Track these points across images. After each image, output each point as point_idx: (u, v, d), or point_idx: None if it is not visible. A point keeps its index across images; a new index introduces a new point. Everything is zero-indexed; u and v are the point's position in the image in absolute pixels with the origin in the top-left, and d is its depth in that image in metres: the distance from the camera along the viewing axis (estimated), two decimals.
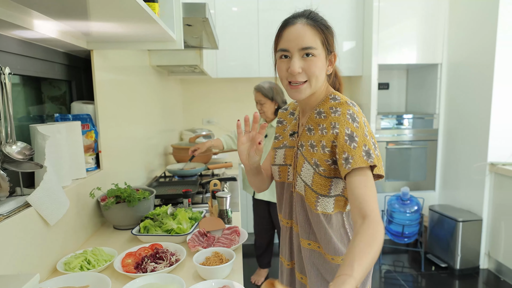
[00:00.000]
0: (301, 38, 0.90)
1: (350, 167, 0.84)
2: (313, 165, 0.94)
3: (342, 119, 0.90)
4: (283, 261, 1.15)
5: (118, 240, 1.38)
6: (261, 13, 3.27)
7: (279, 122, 1.15)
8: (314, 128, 0.97)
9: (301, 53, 0.91)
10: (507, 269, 2.72)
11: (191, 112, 3.73)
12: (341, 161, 0.87)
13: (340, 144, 0.88)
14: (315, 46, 0.90)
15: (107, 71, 1.64)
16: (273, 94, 2.32)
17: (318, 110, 0.98)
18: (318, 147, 0.94)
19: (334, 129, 0.91)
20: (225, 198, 1.49)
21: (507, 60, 2.64)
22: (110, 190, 1.44)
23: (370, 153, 0.86)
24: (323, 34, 0.92)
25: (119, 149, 1.78)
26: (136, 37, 1.41)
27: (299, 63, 0.91)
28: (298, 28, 0.91)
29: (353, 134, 0.88)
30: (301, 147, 1.00)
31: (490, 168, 2.76)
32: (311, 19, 0.92)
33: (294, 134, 1.05)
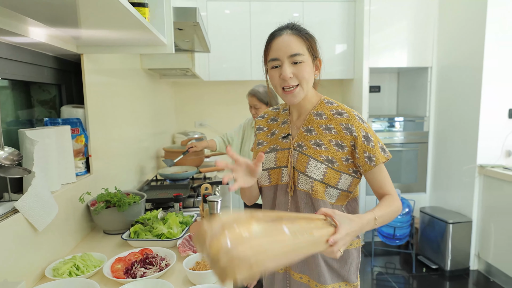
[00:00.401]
0: (289, 47, 0.98)
1: (375, 164, 1.00)
2: (324, 162, 1.01)
3: (354, 121, 1.02)
4: None
5: (108, 245, 1.38)
6: (253, 15, 3.28)
7: (259, 129, 1.19)
8: (315, 129, 1.05)
9: (290, 60, 0.99)
10: (496, 270, 2.75)
11: (184, 114, 3.72)
12: (363, 159, 1.00)
13: (360, 145, 1.00)
14: (302, 53, 0.99)
15: (98, 75, 1.64)
16: (269, 98, 2.32)
17: (316, 112, 1.07)
18: (329, 145, 1.02)
19: (350, 131, 1.01)
20: (216, 202, 1.49)
21: (496, 63, 2.69)
22: (100, 195, 1.44)
23: (384, 148, 1.03)
24: (308, 42, 1.01)
25: (110, 153, 1.77)
26: (126, 41, 1.41)
27: (290, 69, 0.98)
28: (285, 38, 0.99)
29: (367, 135, 1.01)
30: (299, 147, 1.05)
31: (479, 170, 2.80)
32: (295, 30, 1.01)
33: (288, 136, 1.09)
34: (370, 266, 3.09)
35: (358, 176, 1.06)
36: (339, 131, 1.02)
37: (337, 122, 1.03)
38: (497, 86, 2.72)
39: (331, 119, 1.04)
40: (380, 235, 3.14)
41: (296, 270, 1.10)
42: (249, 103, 2.36)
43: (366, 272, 3.01)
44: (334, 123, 1.03)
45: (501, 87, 2.72)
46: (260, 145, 1.16)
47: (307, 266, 1.07)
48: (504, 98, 2.74)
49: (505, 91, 2.73)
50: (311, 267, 1.06)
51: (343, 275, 1.08)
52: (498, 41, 2.66)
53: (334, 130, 1.03)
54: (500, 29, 2.65)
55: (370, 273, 2.98)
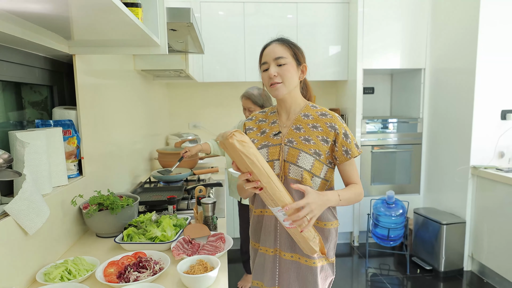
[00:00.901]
0: (274, 52, 1.23)
1: (351, 156, 1.23)
2: (312, 154, 1.21)
3: (336, 120, 1.24)
4: (266, 249, 1.30)
5: (100, 249, 1.36)
6: (247, 17, 3.28)
7: (249, 129, 1.36)
8: (303, 127, 1.25)
9: (276, 62, 1.22)
10: (490, 271, 2.77)
11: (177, 116, 3.70)
12: (341, 152, 1.23)
13: (340, 141, 1.22)
14: (285, 56, 1.22)
15: (90, 76, 1.62)
16: (263, 101, 2.31)
17: (304, 114, 1.28)
18: (316, 140, 1.23)
19: (334, 128, 1.23)
20: (210, 205, 1.48)
21: (488, 65, 2.71)
22: (92, 198, 1.42)
23: (358, 145, 1.26)
24: (291, 49, 1.24)
25: (102, 155, 1.75)
26: (119, 41, 1.39)
27: (275, 69, 1.22)
28: (272, 46, 1.25)
29: (346, 132, 1.24)
30: (289, 143, 1.24)
31: (473, 171, 2.82)
32: (281, 40, 1.26)
33: (279, 134, 1.28)
34: (365, 268, 3.09)
35: (332, 166, 1.29)
36: (324, 128, 1.24)
37: (323, 122, 1.25)
38: (490, 87, 2.74)
39: (317, 119, 1.26)
40: (374, 236, 3.14)
41: (287, 251, 1.26)
42: (243, 105, 2.35)
43: (360, 273, 3.01)
44: (320, 122, 1.25)
45: (494, 89, 2.75)
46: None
47: (297, 246, 1.24)
48: (496, 100, 2.76)
49: (498, 92, 2.75)
50: None
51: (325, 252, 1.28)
52: (491, 43, 2.69)
53: (320, 128, 1.24)
54: (493, 31, 2.67)
55: (364, 275, 2.98)
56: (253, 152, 1.03)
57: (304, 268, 1.25)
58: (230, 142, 1.01)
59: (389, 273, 3.01)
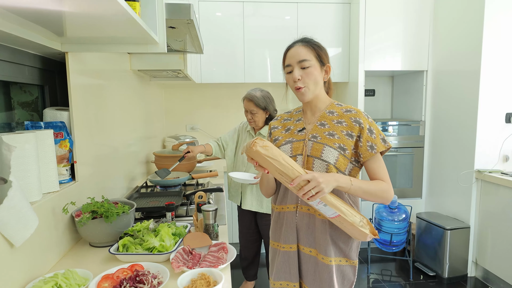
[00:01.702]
0: (298, 55, 1.22)
1: (376, 151, 1.20)
2: (337, 149, 1.20)
3: (361, 115, 1.23)
4: (290, 247, 1.30)
5: (94, 260, 1.27)
6: (246, 18, 3.20)
7: (274, 128, 1.40)
8: (328, 123, 1.25)
9: (299, 65, 1.22)
10: (494, 276, 2.71)
11: (174, 118, 3.61)
12: (365, 147, 1.20)
13: (364, 136, 1.20)
14: (309, 59, 1.22)
15: (84, 75, 1.53)
16: (266, 103, 2.23)
17: (329, 111, 1.29)
18: (341, 135, 1.21)
19: (358, 123, 1.21)
20: (211, 212, 1.39)
21: (494, 67, 2.66)
22: (85, 205, 1.32)
23: (385, 140, 1.23)
24: (315, 51, 1.24)
25: (97, 159, 1.66)
26: (115, 39, 1.30)
27: (299, 72, 1.22)
28: (296, 48, 1.24)
29: (371, 128, 1.21)
30: (313, 138, 1.25)
31: (477, 175, 2.76)
32: (305, 42, 1.25)
33: (303, 130, 1.29)
34: (366, 274, 3.02)
35: (358, 165, 1.25)
36: (349, 123, 1.22)
37: (348, 117, 1.24)
38: (494, 90, 2.69)
39: (342, 115, 1.25)
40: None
41: (306, 245, 1.27)
42: (245, 107, 2.27)
43: (362, 279, 2.94)
44: (345, 118, 1.24)
45: (498, 91, 2.70)
46: (276, 140, 1.35)
47: (316, 241, 1.25)
48: (501, 102, 2.71)
49: (502, 95, 2.70)
50: (319, 241, 1.24)
51: (345, 251, 1.26)
52: (496, 44, 2.64)
53: (345, 123, 1.23)
54: (498, 32, 2.62)
55: (366, 280, 2.91)
56: (277, 153, 1.08)
57: (321, 265, 1.24)
58: (254, 150, 1.06)
59: (391, 279, 2.94)
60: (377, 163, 1.22)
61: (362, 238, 1.17)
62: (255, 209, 2.34)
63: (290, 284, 1.32)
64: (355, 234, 1.17)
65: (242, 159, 2.34)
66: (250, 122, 2.29)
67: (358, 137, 1.21)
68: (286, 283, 1.33)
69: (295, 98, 3.66)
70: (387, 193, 1.20)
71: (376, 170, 1.22)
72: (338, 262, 1.25)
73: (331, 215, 1.13)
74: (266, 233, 2.40)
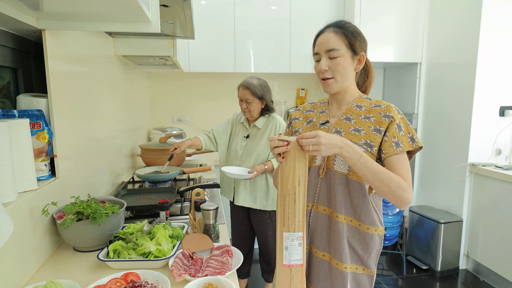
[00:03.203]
0: (327, 43, 1.10)
1: (401, 149, 1.06)
2: (363, 145, 1.09)
3: (392, 110, 1.10)
4: None
5: (80, 268, 1.11)
6: (237, 7, 3.05)
7: (295, 119, 1.29)
8: (354, 118, 1.14)
9: (328, 54, 1.10)
10: (485, 269, 2.71)
11: (160, 109, 3.42)
12: (390, 143, 1.06)
13: (392, 130, 1.07)
14: (338, 48, 1.09)
15: (64, 59, 1.35)
16: (263, 92, 2.09)
17: (357, 104, 1.16)
18: (368, 131, 1.10)
19: (388, 117, 1.09)
20: (211, 211, 1.26)
21: (490, 59, 2.62)
22: (69, 206, 1.16)
23: (414, 139, 1.10)
24: (347, 38, 1.09)
25: (79, 152, 1.48)
26: (101, 15, 1.14)
27: (326, 63, 1.11)
28: (326, 35, 1.11)
29: (400, 124, 1.09)
30: (337, 133, 1.13)
31: (471, 169, 2.74)
32: (337, 27, 1.11)
33: (326, 123, 1.18)
34: None
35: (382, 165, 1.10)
36: (378, 118, 1.10)
37: (377, 112, 1.12)
38: (490, 83, 2.66)
39: (371, 110, 1.13)
40: None
41: (320, 248, 1.17)
42: (240, 95, 2.13)
43: None
44: (374, 113, 1.12)
45: (494, 84, 2.67)
46: (296, 132, 1.24)
47: (330, 245, 1.14)
48: (496, 96, 2.69)
49: (497, 88, 2.68)
50: (335, 246, 1.13)
51: (363, 259, 1.14)
52: (493, 36, 2.60)
53: (373, 118, 1.11)
54: (495, 23, 2.58)
55: None
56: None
57: (335, 271, 1.14)
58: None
59: (384, 272, 2.90)
60: (400, 161, 1.06)
61: None
62: (248, 205, 2.22)
63: None
64: None
65: (236, 153, 2.21)
66: (245, 112, 2.15)
67: (386, 131, 1.08)
68: None
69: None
70: (403, 191, 1.02)
71: (396, 168, 1.06)
72: (354, 270, 1.14)
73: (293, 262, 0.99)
74: (260, 230, 2.29)
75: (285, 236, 0.96)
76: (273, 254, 2.36)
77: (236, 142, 2.24)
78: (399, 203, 1.04)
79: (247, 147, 2.17)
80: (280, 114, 3.54)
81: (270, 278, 2.44)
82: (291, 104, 3.65)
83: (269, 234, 2.28)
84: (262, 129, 2.17)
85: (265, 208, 2.19)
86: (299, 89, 3.61)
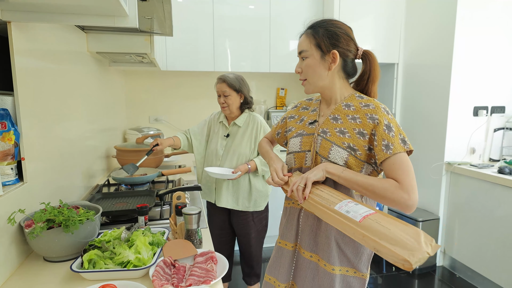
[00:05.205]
0: (299, 45, 1.15)
1: (392, 152, 1.01)
2: (346, 148, 1.07)
3: (378, 111, 1.06)
4: (286, 244, 1.22)
5: (51, 280, 1.03)
6: (216, 5, 2.98)
7: (290, 117, 1.28)
8: (341, 118, 1.11)
9: (300, 56, 1.15)
10: (460, 265, 2.79)
11: (136, 109, 3.30)
12: (380, 147, 1.02)
13: (380, 133, 1.03)
14: (306, 49, 1.12)
15: (32, 55, 1.25)
16: (240, 85, 2.05)
17: (345, 103, 1.13)
18: (352, 133, 1.07)
19: (373, 119, 1.05)
20: (194, 216, 1.20)
21: (464, 61, 2.69)
22: (38, 213, 1.07)
23: (406, 141, 1.05)
24: (315, 39, 1.10)
25: (49, 154, 1.38)
26: (73, 7, 1.05)
27: (299, 64, 1.16)
28: (301, 37, 1.16)
29: (389, 125, 1.04)
30: (323, 133, 1.12)
31: (447, 168, 2.81)
32: (310, 28, 1.13)
33: (315, 123, 1.17)
34: None
35: (378, 169, 1.10)
36: (363, 120, 1.07)
37: (363, 113, 1.08)
38: (464, 84, 2.73)
39: (358, 110, 1.09)
40: None
41: (307, 249, 1.15)
42: (218, 90, 2.07)
43: None
44: (360, 114, 1.08)
45: (468, 85, 2.74)
46: (289, 131, 1.25)
47: (318, 246, 1.13)
48: (470, 96, 2.76)
49: (472, 89, 2.75)
50: (323, 247, 1.11)
51: (353, 262, 1.12)
52: (468, 39, 2.67)
53: (359, 120, 1.08)
54: (470, 27, 2.65)
55: None
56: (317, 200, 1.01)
57: (322, 272, 1.13)
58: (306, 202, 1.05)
59: None
60: (395, 164, 1.00)
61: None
62: (231, 206, 2.16)
63: (276, 282, 1.24)
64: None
65: (216, 153, 2.15)
66: (224, 108, 2.09)
67: (372, 135, 1.04)
68: (274, 279, 1.26)
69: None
70: (392, 194, 0.95)
71: (395, 172, 0.99)
72: (344, 272, 1.12)
73: (364, 213, 0.91)
74: (242, 232, 2.24)
75: (337, 208, 0.96)
76: (255, 256, 2.32)
77: (215, 141, 2.17)
78: (400, 207, 0.97)
79: (228, 146, 2.12)
80: (260, 114, 3.51)
81: (252, 281, 2.40)
82: (271, 103, 3.63)
83: (251, 236, 2.23)
84: (243, 127, 2.12)
85: (247, 209, 2.15)
86: (279, 89, 3.59)
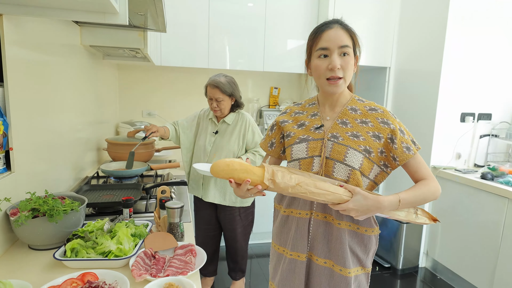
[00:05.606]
0: (340, 38, 1.05)
1: (413, 153, 1.09)
2: (362, 151, 1.07)
3: (388, 116, 1.10)
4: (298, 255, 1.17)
5: (34, 266, 1.06)
6: (212, 1, 3.01)
7: (284, 122, 1.22)
8: (350, 122, 1.11)
9: (340, 51, 1.05)
10: (442, 267, 2.85)
11: (129, 102, 3.32)
12: (401, 150, 1.08)
13: (398, 137, 1.08)
14: (349, 45, 1.06)
15: (23, 46, 1.28)
16: (232, 89, 2.08)
17: (351, 107, 1.13)
18: (366, 136, 1.08)
19: (388, 124, 1.09)
20: (177, 210, 1.24)
21: (453, 68, 2.74)
22: (23, 202, 1.10)
23: (414, 141, 1.13)
24: (352, 39, 1.08)
25: (38, 145, 1.41)
26: (65, 3, 1.08)
27: (339, 60, 1.05)
28: (337, 30, 1.06)
29: (401, 129, 1.10)
30: (334, 138, 1.10)
31: (433, 172, 2.86)
32: (344, 25, 1.09)
33: (321, 128, 1.13)
34: None
35: (387, 171, 1.13)
36: (375, 124, 1.09)
37: (373, 117, 1.10)
38: (452, 90, 2.78)
39: (366, 114, 1.11)
40: None
41: (321, 256, 1.15)
42: (210, 95, 2.10)
43: None
44: (370, 118, 1.11)
45: (456, 92, 2.80)
46: (288, 137, 1.18)
47: (332, 252, 1.14)
48: (457, 102, 2.82)
49: (459, 95, 2.81)
50: (337, 252, 1.12)
51: (362, 260, 1.16)
52: (457, 46, 2.72)
53: (371, 124, 1.10)
54: (459, 34, 2.70)
55: None
56: (287, 180, 0.98)
57: (338, 277, 1.13)
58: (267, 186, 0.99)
59: None
60: (416, 160, 1.11)
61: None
62: (218, 202, 2.20)
63: None
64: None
65: (204, 149, 2.18)
66: (216, 111, 2.13)
67: (389, 140, 1.08)
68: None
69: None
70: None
71: (417, 168, 1.11)
72: (356, 273, 1.15)
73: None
74: (228, 227, 2.29)
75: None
76: (240, 251, 2.36)
77: (204, 138, 2.20)
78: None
79: (216, 143, 2.16)
80: (253, 112, 3.55)
81: (237, 276, 2.44)
82: (264, 102, 3.66)
83: (238, 232, 2.27)
84: (232, 125, 2.16)
85: (234, 205, 2.19)
86: (272, 88, 3.63)
